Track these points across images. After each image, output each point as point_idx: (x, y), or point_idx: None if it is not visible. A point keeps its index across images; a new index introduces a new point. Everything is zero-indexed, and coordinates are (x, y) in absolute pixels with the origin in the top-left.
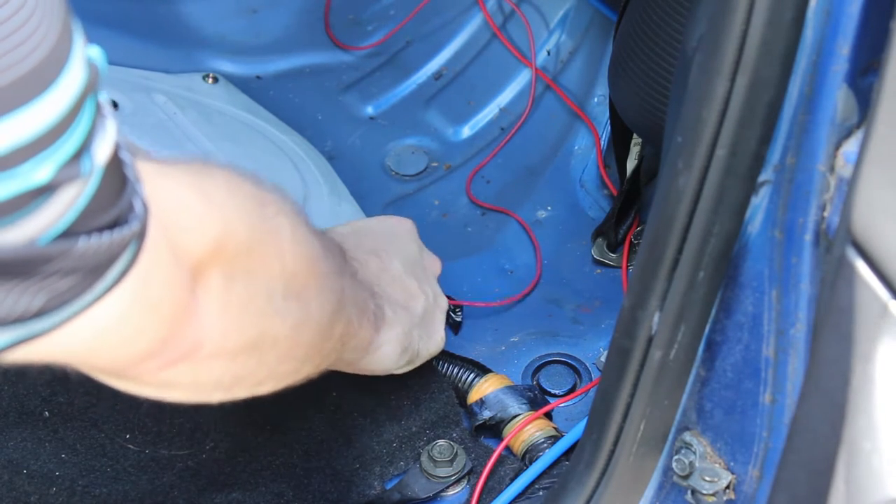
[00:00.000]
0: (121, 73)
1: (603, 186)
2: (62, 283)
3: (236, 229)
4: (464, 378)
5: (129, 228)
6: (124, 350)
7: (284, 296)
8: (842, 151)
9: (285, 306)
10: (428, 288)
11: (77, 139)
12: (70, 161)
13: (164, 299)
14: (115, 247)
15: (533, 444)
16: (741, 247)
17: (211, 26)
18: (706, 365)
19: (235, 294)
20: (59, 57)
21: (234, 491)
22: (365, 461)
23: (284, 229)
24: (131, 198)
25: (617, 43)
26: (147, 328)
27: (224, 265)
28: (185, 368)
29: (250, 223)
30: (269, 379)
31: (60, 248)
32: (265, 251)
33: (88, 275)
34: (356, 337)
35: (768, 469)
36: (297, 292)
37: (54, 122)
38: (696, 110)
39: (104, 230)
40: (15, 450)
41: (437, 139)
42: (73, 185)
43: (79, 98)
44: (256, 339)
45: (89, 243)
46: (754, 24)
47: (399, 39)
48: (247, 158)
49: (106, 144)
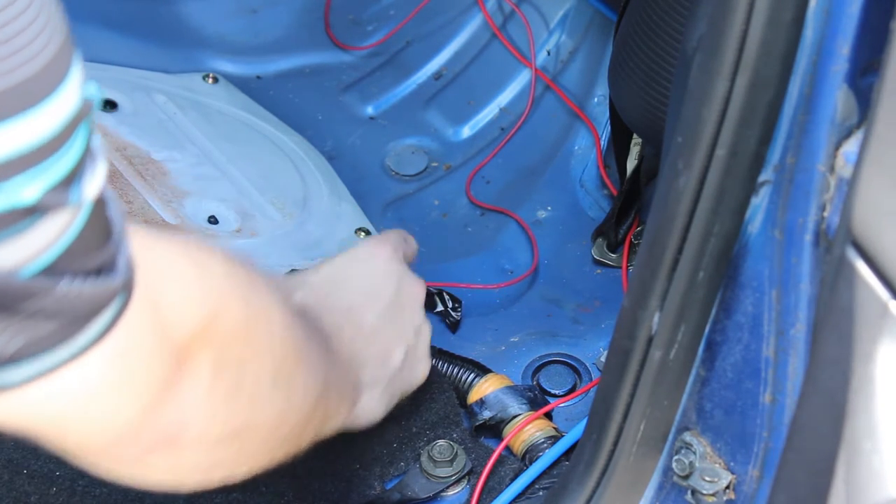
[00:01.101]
0: (121, 73)
1: (603, 186)
2: (42, 327)
3: (230, 308)
4: (464, 378)
5: (111, 280)
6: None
7: (273, 384)
8: (842, 151)
9: (272, 395)
10: (408, 328)
11: (68, 163)
12: (59, 185)
13: (144, 374)
14: (98, 298)
15: (533, 444)
16: (741, 247)
17: (211, 26)
18: (706, 365)
19: (224, 382)
20: (58, 71)
21: (234, 491)
22: (365, 461)
23: (275, 314)
24: (116, 252)
25: (617, 43)
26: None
27: (215, 350)
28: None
29: (244, 304)
30: (248, 464)
31: (43, 285)
32: (257, 336)
33: (69, 324)
34: (334, 417)
35: (768, 469)
36: (285, 380)
37: (47, 137)
38: (696, 110)
39: (88, 276)
40: (15, 449)
41: (437, 139)
42: (59, 215)
43: (73, 119)
44: (240, 428)
45: (72, 286)
46: (754, 24)
47: (399, 39)
48: (247, 158)
49: (95, 183)
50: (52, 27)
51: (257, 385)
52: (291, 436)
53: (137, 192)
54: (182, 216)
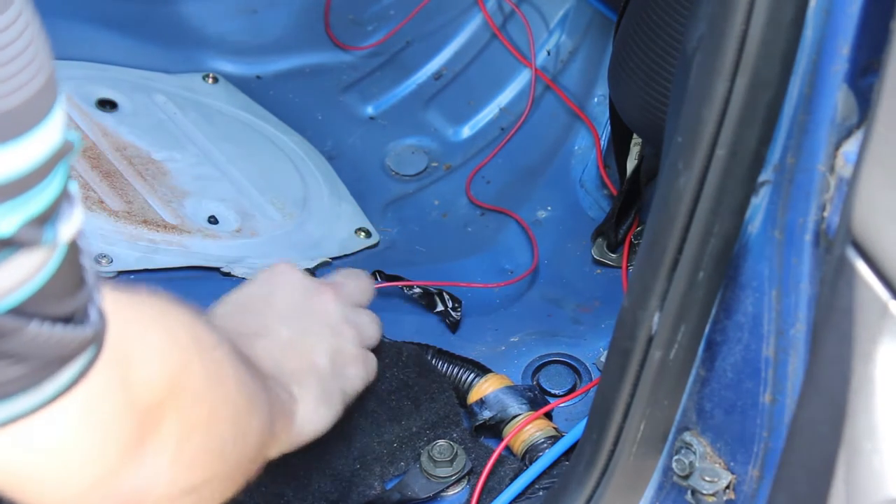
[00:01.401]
0: (121, 73)
1: (603, 186)
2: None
3: (195, 374)
4: (464, 378)
5: (82, 330)
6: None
7: (233, 438)
8: (842, 151)
9: (232, 447)
10: (324, 331)
11: (45, 200)
12: (35, 221)
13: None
14: (69, 345)
15: (533, 444)
16: (741, 247)
17: (211, 26)
18: (706, 365)
19: (190, 445)
20: (44, 105)
21: None
22: (365, 461)
23: (232, 371)
24: (87, 302)
25: (617, 43)
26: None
27: (181, 414)
28: None
29: (207, 370)
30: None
31: (12, 324)
32: (218, 397)
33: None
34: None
35: (768, 469)
36: (242, 433)
37: (28, 170)
38: (696, 110)
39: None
40: None
41: (437, 139)
42: (33, 253)
43: (54, 155)
44: (202, 482)
45: (41, 329)
46: (754, 24)
47: (399, 39)
48: (247, 158)
49: (71, 225)
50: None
51: (219, 442)
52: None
53: (137, 192)
54: (182, 216)
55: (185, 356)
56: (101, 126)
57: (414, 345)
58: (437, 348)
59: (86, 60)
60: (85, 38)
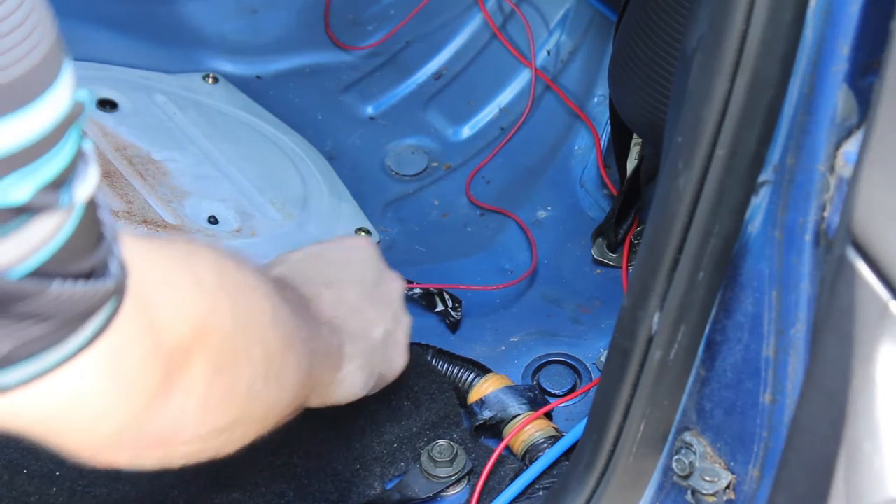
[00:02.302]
0: (121, 73)
1: (603, 186)
2: (33, 329)
3: (222, 314)
4: (464, 378)
5: (103, 284)
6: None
7: (264, 381)
8: (842, 151)
9: (264, 390)
10: (387, 312)
11: (59, 165)
12: (49, 186)
13: (137, 378)
14: (90, 300)
15: (533, 444)
16: (741, 247)
17: (211, 26)
18: (706, 365)
19: (219, 387)
20: (49, 72)
21: (234, 491)
22: (365, 461)
23: (266, 312)
24: (107, 255)
25: (617, 43)
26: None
27: (209, 356)
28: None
29: (235, 308)
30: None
31: (33, 287)
32: (249, 338)
33: (61, 326)
34: (319, 386)
35: (768, 469)
36: (275, 373)
37: (38, 137)
38: (696, 110)
39: (79, 279)
40: (15, 450)
41: (437, 139)
42: (50, 217)
43: (64, 120)
44: (233, 423)
45: (63, 288)
46: (754, 24)
47: (399, 39)
48: (247, 158)
49: (86, 186)
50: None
51: (250, 384)
52: (280, 417)
53: (137, 192)
54: (182, 216)
55: (211, 298)
56: (101, 126)
57: (414, 345)
58: (437, 348)
59: (86, 60)
60: (85, 38)
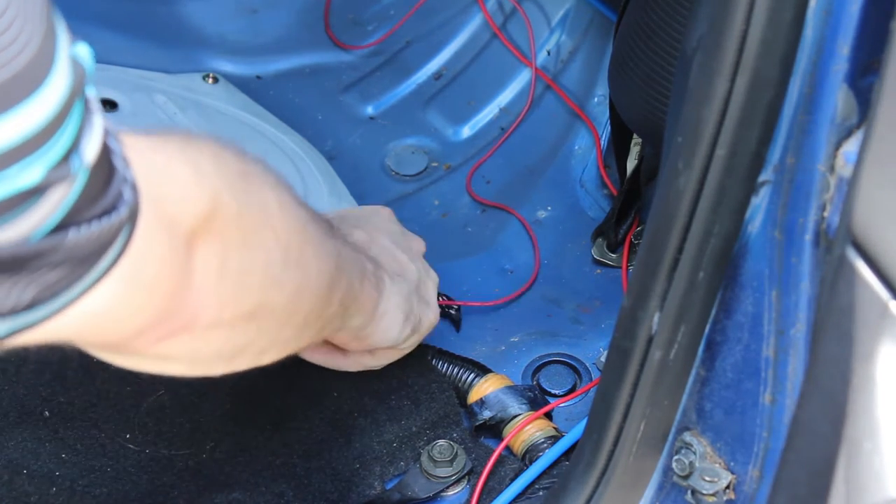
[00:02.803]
0: (121, 73)
1: (603, 186)
2: (52, 275)
3: (226, 199)
4: (464, 378)
5: (117, 215)
6: (120, 327)
7: (282, 264)
8: (842, 151)
9: (283, 274)
10: (417, 261)
11: (66, 141)
12: (60, 162)
13: (159, 277)
14: (105, 235)
15: (533, 444)
16: (741, 247)
17: (211, 26)
18: (706, 365)
19: (230, 264)
20: (44, 60)
21: (234, 491)
22: (365, 461)
23: (271, 199)
24: (121, 186)
25: (617, 43)
26: (143, 306)
27: (217, 237)
28: (183, 340)
29: (238, 194)
30: (270, 347)
31: (51, 244)
32: (255, 221)
33: (78, 265)
34: (358, 300)
35: (768, 469)
36: (294, 259)
37: (42, 125)
38: (696, 110)
39: (93, 220)
40: (15, 450)
41: (437, 139)
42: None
43: (67, 99)
44: (255, 309)
45: (79, 235)
46: (754, 24)
47: (399, 39)
48: None
49: (94, 142)
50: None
51: (266, 266)
52: (311, 317)
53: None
54: None
55: (211, 183)
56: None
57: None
58: (437, 348)
59: None
60: (85, 38)
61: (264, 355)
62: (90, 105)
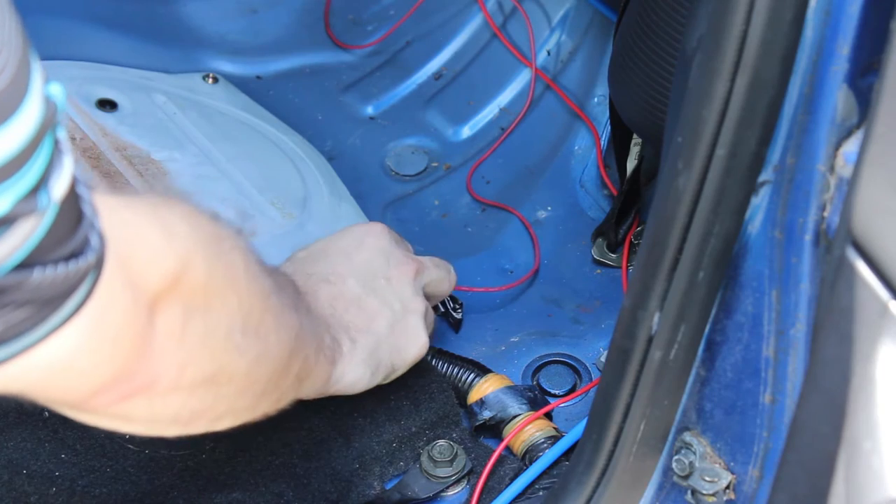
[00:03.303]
0: (121, 73)
1: (603, 186)
2: (16, 314)
3: (195, 263)
4: (464, 378)
5: (84, 260)
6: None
7: (242, 331)
8: (842, 151)
9: (243, 341)
10: (394, 300)
11: (35, 174)
12: (27, 196)
13: (120, 333)
14: (71, 279)
15: (533, 444)
16: (741, 247)
17: (211, 26)
18: (706, 365)
19: (193, 329)
20: (17, 91)
21: (234, 491)
22: (365, 461)
23: (239, 266)
24: (87, 232)
25: (617, 43)
26: (103, 361)
27: (182, 300)
28: (141, 402)
29: (207, 258)
30: (226, 414)
31: (15, 280)
32: (222, 286)
33: (43, 306)
34: (312, 374)
35: (768, 469)
36: (254, 327)
37: (11, 155)
38: (696, 110)
39: (59, 262)
40: (15, 450)
41: (437, 139)
42: (29, 218)
43: (37, 133)
44: (214, 374)
45: (44, 275)
46: (754, 24)
47: (399, 39)
48: (247, 158)
49: (63, 180)
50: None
51: (227, 332)
52: (269, 387)
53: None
54: None
55: (182, 246)
56: (100, 126)
57: None
58: (436, 348)
59: (86, 60)
60: (85, 38)
61: (220, 422)
62: (60, 145)
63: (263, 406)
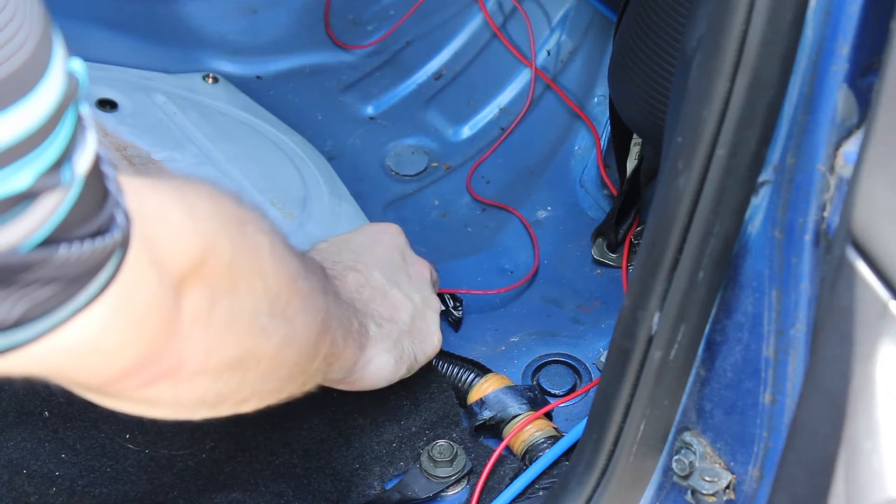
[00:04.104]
0: (121, 73)
1: (603, 186)
2: (42, 291)
3: (219, 245)
4: (464, 378)
5: (110, 237)
6: (106, 365)
7: (269, 314)
8: (842, 151)
9: (270, 324)
10: (414, 294)
11: (57, 148)
12: (50, 170)
13: (147, 314)
14: (97, 256)
15: (533, 444)
16: (741, 247)
17: (211, 26)
18: (706, 365)
19: (219, 312)
20: (39, 64)
21: (234, 491)
22: (365, 461)
23: (264, 248)
24: (113, 209)
25: (617, 43)
26: (129, 343)
27: (207, 282)
28: (166, 386)
29: (232, 240)
30: (252, 397)
31: (41, 256)
32: (247, 269)
33: (69, 284)
34: (341, 357)
35: (768, 469)
36: (281, 310)
37: (34, 128)
38: (696, 110)
39: (85, 239)
40: (15, 450)
41: (437, 139)
42: (53, 193)
43: (59, 106)
44: (240, 358)
45: (70, 251)
46: (754, 24)
47: (399, 39)
48: (247, 158)
49: (87, 156)
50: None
51: (253, 315)
52: (296, 370)
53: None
54: None
55: (206, 227)
56: (101, 126)
57: None
58: None
59: (86, 60)
60: (85, 38)
61: (246, 404)
62: (84, 121)
63: (290, 389)
